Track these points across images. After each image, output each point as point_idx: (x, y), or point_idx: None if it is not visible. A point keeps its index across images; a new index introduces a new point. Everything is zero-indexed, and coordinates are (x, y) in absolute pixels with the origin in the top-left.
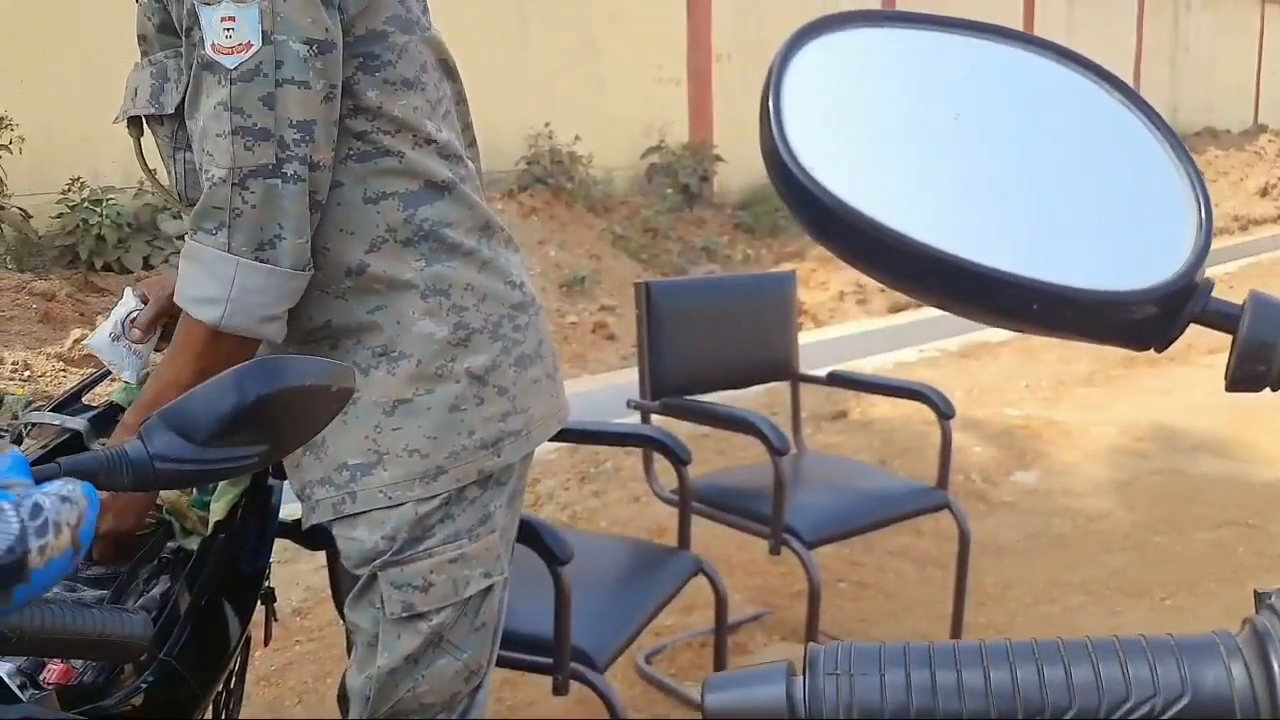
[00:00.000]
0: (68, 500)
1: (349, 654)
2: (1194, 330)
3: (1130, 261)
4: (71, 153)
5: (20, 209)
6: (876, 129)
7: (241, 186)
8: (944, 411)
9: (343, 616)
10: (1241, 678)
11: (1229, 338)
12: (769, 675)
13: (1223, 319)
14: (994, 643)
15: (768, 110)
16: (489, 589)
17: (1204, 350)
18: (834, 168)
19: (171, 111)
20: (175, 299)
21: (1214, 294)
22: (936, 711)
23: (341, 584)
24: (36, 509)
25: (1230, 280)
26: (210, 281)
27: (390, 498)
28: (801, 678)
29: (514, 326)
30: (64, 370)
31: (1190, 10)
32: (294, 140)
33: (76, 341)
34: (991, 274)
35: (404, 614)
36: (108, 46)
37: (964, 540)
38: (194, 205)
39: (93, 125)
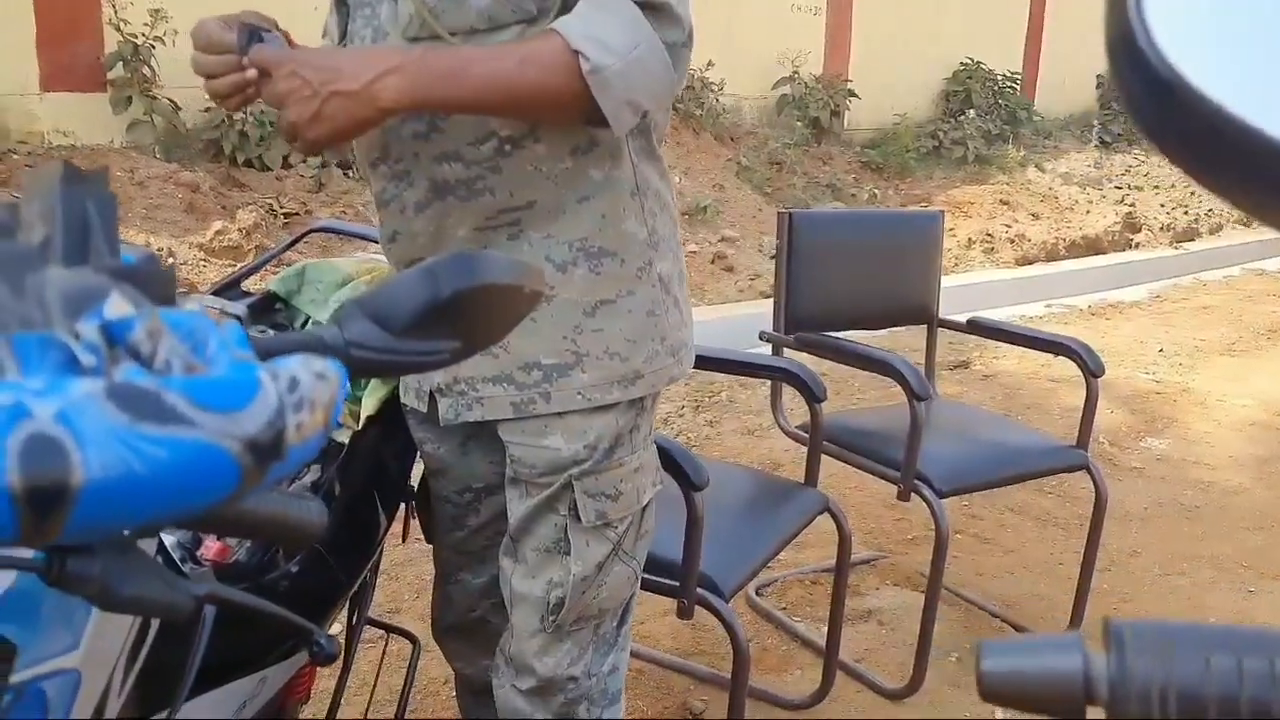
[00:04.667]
0: (322, 377)
1: (442, 569)
2: None
3: None
4: None
5: (171, 100)
6: (1251, 25)
7: None
8: (1092, 369)
9: (424, 527)
10: None
11: None
12: (1061, 645)
13: None
14: None
15: None
16: (651, 499)
17: None
18: (1204, 61)
19: None
20: (557, 25)
21: None
22: (1274, 705)
23: (443, 500)
24: (294, 383)
25: None
26: (621, 33)
27: (588, 400)
28: (1105, 654)
29: (677, 241)
30: (205, 260)
31: None
32: None
33: (218, 233)
34: None
35: (597, 522)
36: None
37: (1100, 503)
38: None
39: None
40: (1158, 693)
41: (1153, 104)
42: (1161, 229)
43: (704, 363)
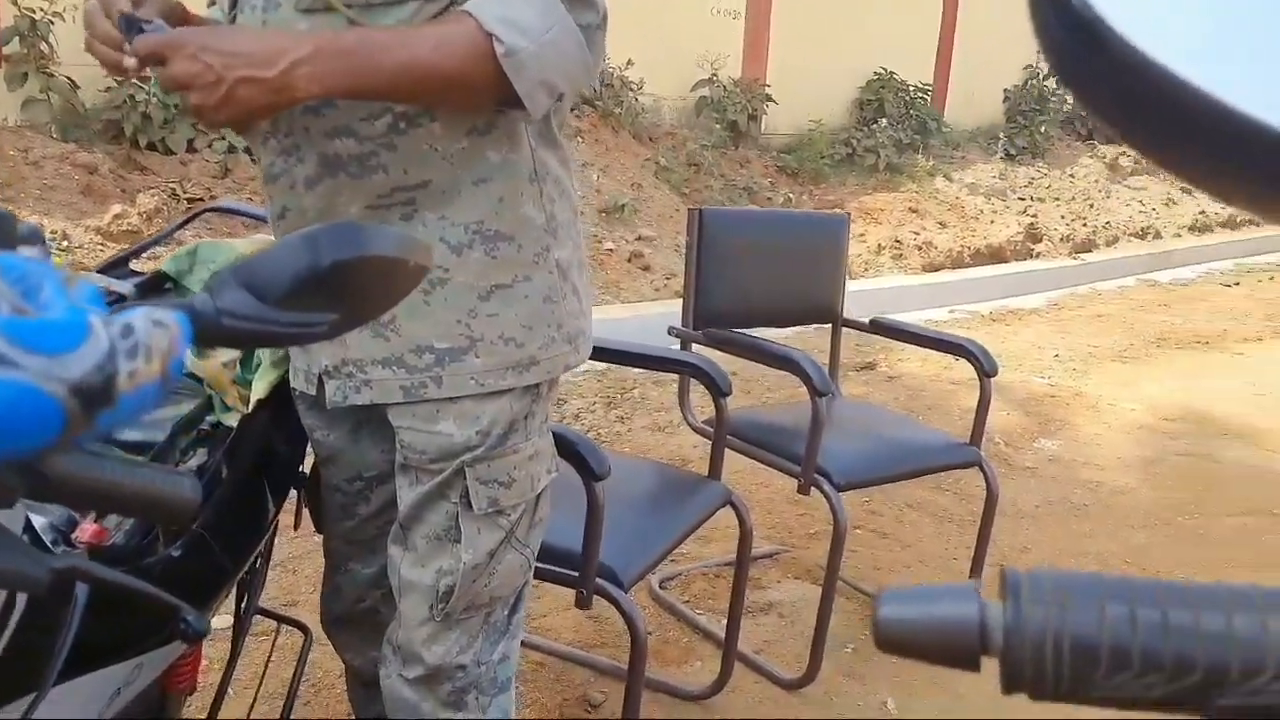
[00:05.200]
0: (160, 325)
1: (331, 559)
2: (1231, 318)
3: None
4: None
5: (69, 78)
6: None
7: None
8: (986, 369)
9: (315, 518)
10: None
11: (1263, 330)
12: (958, 594)
13: None
14: (1237, 586)
15: None
16: (546, 486)
17: (1238, 339)
18: (1127, 5)
19: None
20: (469, 7)
21: None
22: (1165, 653)
23: (333, 489)
24: (128, 329)
25: None
26: (535, 15)
27: (481, 385)
28: (1001, 602)
29: (577, 230)
30: (102, 244)
31: None
32: None
33: (116, 217)
34: None
35: (490, 509)
36: None
37: (991, 499)
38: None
39: None
40: (1051, 641)
41: (1075, 50)
42: (1061, 240)
43: (611, 356)
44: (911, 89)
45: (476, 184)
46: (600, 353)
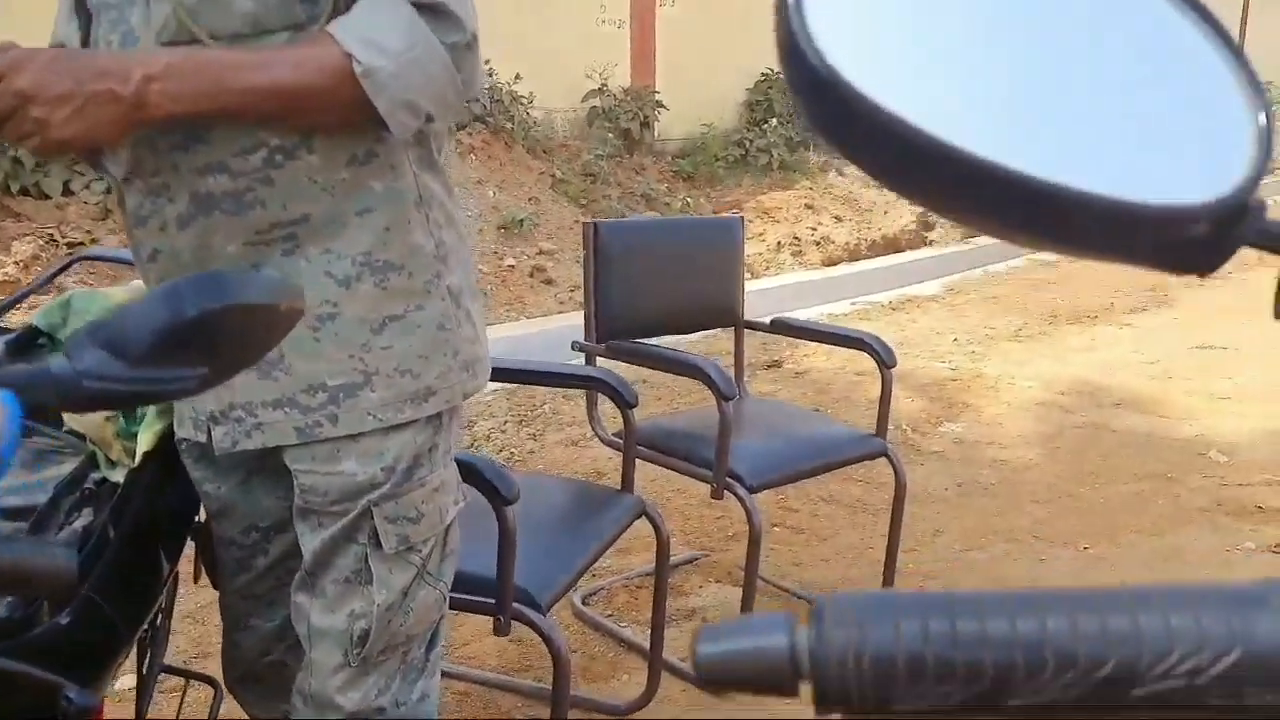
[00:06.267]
0: None
1: (229, 615)
2: (1116, 291)
3: (1180, 176)
4: None
5: None
6: (910, 22)
7: None
8: (886, 361)
9: (210, 573)
10: None
11: (1147, 300)
12: (770, 624)
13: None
14: (1021, 591)
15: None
16: (454, 517)
17: (1125, 310)
18: (859, 61)
19: None
20: (330, 28)
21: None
22: (956, 661)
23: (226, 542)
24: None
25: None
26: (395, 35)
27: (380, 420)
28: (808, 627)
29: (467, 255)
30: None
31: None
32: None
33: None
34: (1025, 181)
35: (400, 547)
36: None
37: (900, 487)
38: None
39: (17, 38)
40: (853, 659)
41: (815, 98)
42: (952, 225)
43: (514, 375)
44: None
45: (361, 214)
46: (503, 372)
